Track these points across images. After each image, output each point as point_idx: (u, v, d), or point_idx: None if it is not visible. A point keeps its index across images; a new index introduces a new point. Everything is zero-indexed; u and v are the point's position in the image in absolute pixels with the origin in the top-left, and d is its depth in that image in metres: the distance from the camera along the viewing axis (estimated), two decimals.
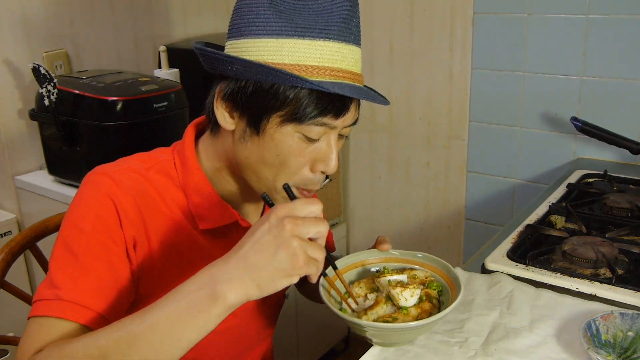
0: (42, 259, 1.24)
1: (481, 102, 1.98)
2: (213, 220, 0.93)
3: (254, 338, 1.07)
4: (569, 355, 0.88)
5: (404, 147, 2.20)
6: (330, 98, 0.82)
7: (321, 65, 0.81)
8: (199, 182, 0.93)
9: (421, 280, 0.93)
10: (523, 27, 1.82)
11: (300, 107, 0.81)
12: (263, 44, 0.81)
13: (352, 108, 0.86)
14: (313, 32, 0.81)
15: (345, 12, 0.83)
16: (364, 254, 1.00)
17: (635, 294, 1.01)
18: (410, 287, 0.87)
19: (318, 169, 0.87)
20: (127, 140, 1.65)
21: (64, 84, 1.68)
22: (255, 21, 0.82)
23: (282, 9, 0.82)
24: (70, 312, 0.79)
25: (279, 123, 0.83)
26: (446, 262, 0.95)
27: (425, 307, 0.87)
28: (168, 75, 1.93)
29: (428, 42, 2.04)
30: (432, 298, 0.90)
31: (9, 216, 1.87)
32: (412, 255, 0.99)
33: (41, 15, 1.86)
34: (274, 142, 0.84)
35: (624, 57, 1.68)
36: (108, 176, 0.87)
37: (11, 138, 1.85)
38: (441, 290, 0.92)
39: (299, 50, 0.81)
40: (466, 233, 2.15)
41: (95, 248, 0.83)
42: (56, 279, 0.81)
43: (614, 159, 1.78)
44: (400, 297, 0.86)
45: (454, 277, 0.91)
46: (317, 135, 0.84)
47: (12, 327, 1.85)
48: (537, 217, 1.34)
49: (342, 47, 0.83)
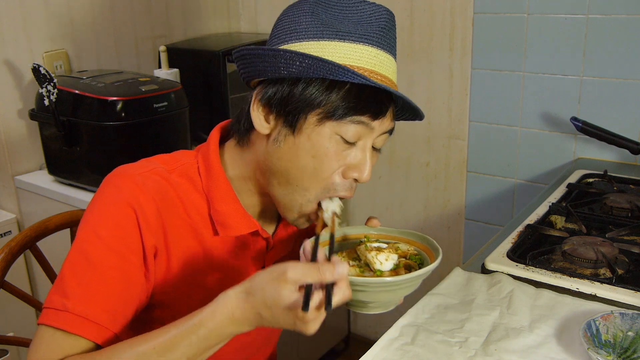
0: (42, 259, 1.24)
1: (481, 102, 1.98)
2: (236, 229, 0.92)
3: (261, 343, 1.07)
4: (569, 355, 0.88)
5: (404, 146, 2.20)
6: (368, 98, 0.83)
7: (361, 66, 0.82)
8: (223, 190, 0.92)
9: (403, 253, 0.91)
10: (523, 27, 1.82)
11: (339, 105, 0.82)
12: (305, 46, 0.83)
13: (389, 114, 0.86)
14: (353, 36, 0.82)
15: (383, 23, 0.85)
16: (347, 229, 0.97)
17: (635, 294, 1.01)
18: (385, 251, 0.86)
19: (351, 175, 0.87)
20: (127, 140, 1.64)
21: (64, 84, 1.68)
22: (296, 29, 0.84)
23: (323, 17, 0.84)
24: (78, 327, 0.80)
25: (316, 122, 0.83)
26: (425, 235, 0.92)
27: (401, 273, 0.85)
28: (168, 75, 1.93)
29: (428, 42, 2.04)
30: (412, 268, 0.87)
31: (9, 216, 1.87)
32: (392, 230, 0.96)
33: (41, 15, 1.86)
34: (310, 143, 0.84)
35: (624, 57, 1.68)
36: (131, 180, 0.86)
37: (11, 138, 1.85)
38: (422, 263, 0.90)
39: (340, 51, 0.82)
40: (466, 233, 2.15)
41: (110, 257, 0.82)
42: (67, 284, 0.81)
43: (614, 159, 1.78)
44: (375, 261, 0.85)
45: (433, 247, 0.89)
46: (353, 137, 0.84)
47: (12, 327, 1.85)
48: (537, 217, 1.34)
49: (381, 54, 0.84)
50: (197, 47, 2.10)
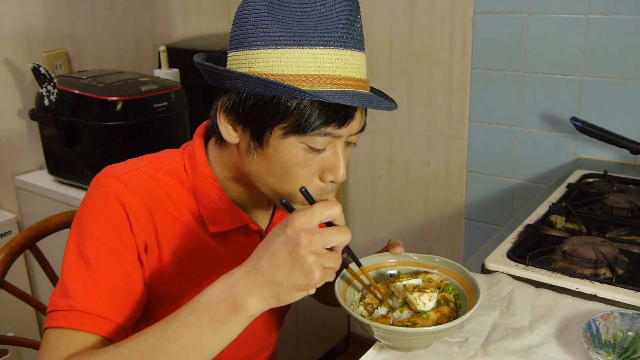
0: (42, 259, 1.24)
1: (481, 102, 1.98)
2: (224, 224, 0.93)
3: (260, 344, 1.07)
4: (569, 355, 0.88)
5: (404, 147, 2.20)
6: (333, 107, 0.80)
7: (322, 74, 0.80)
8: (210, 186, 0.92)
9: (436, 284, 0.91)
10: (523, 27, 1.82)
11: (303, 118, 0.80)
12: (262, 56, 0.81)
13: (358, 116, 0.84)
14: (312, 40, 0.79)
15: (345, 18, 0.81)
16: (378, 257, 0.98)
17: (635, 294, 1.01)
18: (428, 291, 0.86)
19: (327, 178, 0.86)
20: (127, 140, 1.65)
21: (64, 84, 1.68)
22: (253, 31, 0.81)
23: (280, 17, 0.80)
24: (87, 323, 0.79)
25: (281, 135, 0.82)
26: (462, 266, 0.93)
27: (444, 311, 0.85)
28: (168, 75, 1.93)
29: (428, 42, 2.04)
30: (450, 302, 0.88)
31: (9, 216, 1.88)
32: (429, 259, 0.96)
33: (41, 15, 1.86)
34: (278, 155, 0.83)
35: (624, 57, 1.68)
36: (117, 178, 0.86)
37: (11, 138, 1.85)
38: (457, 293, 0.90)
39: (298, 60, 0.79)
40: (466, 233, 2.15)
41: (106, 254, 0.83)
42: (69, 287, 0.81)
43: (614, 159, 1.78)
44: (418, 302, 0.84)
45: (470, 281, 0.89)
46: (322, 145, 0.83)
47: (12, 327, 1.85)
48: (537, 217, 1.34)
49: (343, 54, 0.81)
50: (197, 47, 2.10)
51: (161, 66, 1.97)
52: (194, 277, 0.92)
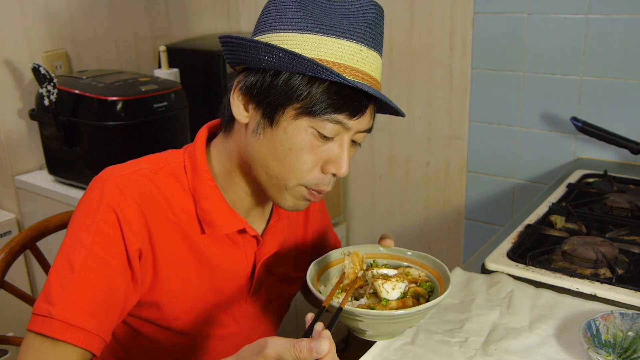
0: (42, 259, 1.24)
1: (481, 102, 1.98)
2: (221, 227, 0.93)
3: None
4: (569, 355, 0.88)
5: (404, 146, 2.20)
6: (346, 97, 0.82)
7: (342, 63, 0.82)
8: (209, 188, 0.92)
9: (412, 279, 0.91)
10: (523, 27, 1.82)
11: (317, 101, 0.82)
12: (288, 38, 0.83)
13: (368, 113, 0.86)
14: (337, 31, 0.82)
15: (370, 18, 0.84)
16: (359, 247, 0.97)
17: (635, 294, 1.01)
18: (393, 280, 0.86)
19: (329, 170, 0.87)
20: (127, 140, 1.65)
21: (64, 84, 1.68)
22: (282, 18, 0.84)
23: (310, 8, 0.84)
24: (64, 333, 0.79)
25: (293, 116, 0.83)
26: (436, 259, 0.93)
27: (408, 303, 0.84)
28: (168, 75, 1.93)
29: (428, 41, 2.04)
30: (420, 297, 0.87)
31: (9, 216, 1.87)
32: (401, 252, 0.97)
33: (41, 15, 1.86)
34: (287, 135, 0.84)
35: (624, 57, 1.68)
36: (113, 182, 0.86)
37: (11, 138, 1.85)
38: (432, 291, 0.90)
39: (322, 46, 0.82)
40: (466, 233, 2.15)
41: (92, 262, 0.83)
42: (51, 290, 0.81)
43: (614, 159, 1.78)
44: (381, 289, 0.85)
45: (443, 273, 0.89)
46: (330, 133, 0.84)
47: (12, 327, 1.85)
48: (537, 217, 1.34)
49: (365, 50, 0.84)
50: (197, 47, 2.10)
51: (161, 66, 1.97)
52: (189, 280, 0.92)
